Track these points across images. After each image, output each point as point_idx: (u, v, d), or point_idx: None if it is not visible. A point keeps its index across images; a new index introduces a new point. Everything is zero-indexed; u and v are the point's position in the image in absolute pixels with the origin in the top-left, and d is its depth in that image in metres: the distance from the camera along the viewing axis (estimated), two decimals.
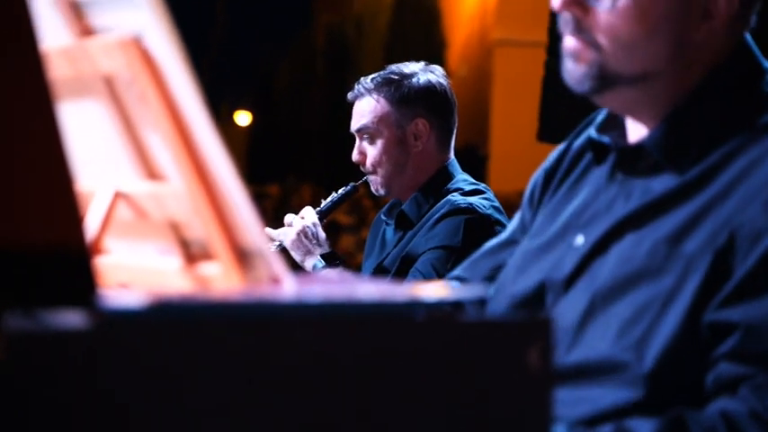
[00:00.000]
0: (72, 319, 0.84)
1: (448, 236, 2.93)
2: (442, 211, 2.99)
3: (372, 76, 3.13)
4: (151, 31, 1.09)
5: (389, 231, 3.20)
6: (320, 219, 3.12)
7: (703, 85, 1.50)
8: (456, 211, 2.97)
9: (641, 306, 1.40)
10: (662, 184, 1.48)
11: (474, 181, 3.16)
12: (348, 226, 11.68)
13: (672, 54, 1.48)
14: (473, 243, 2.91)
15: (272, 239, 3.08)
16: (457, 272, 1.83)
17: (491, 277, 1.72)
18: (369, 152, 3.12)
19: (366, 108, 3.11)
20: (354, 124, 3.14)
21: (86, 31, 1.18)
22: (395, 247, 3.10)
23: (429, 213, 3.04)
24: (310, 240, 3.03)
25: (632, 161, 1.53)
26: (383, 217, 3.27)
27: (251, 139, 31.60)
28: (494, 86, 19.41)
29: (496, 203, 3.06)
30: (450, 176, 3.12)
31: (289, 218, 3.10)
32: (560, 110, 5.92)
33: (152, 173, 1.22)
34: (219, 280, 1.15)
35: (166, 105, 1.10)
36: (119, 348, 0.84)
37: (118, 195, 1.24)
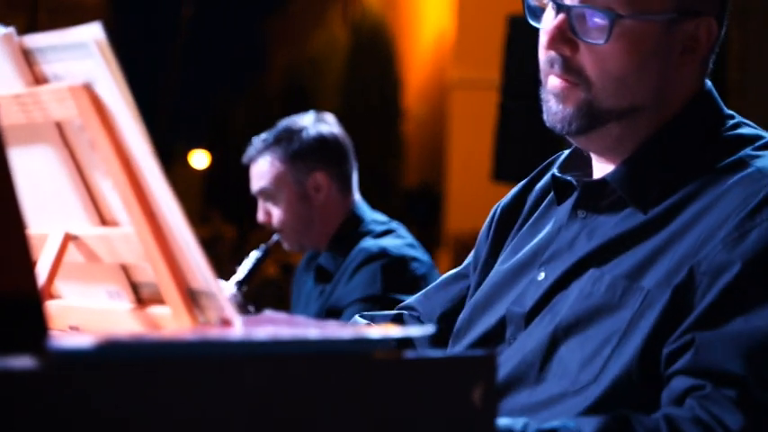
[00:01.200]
0: (22, 360, 0.85)
1: (367, 286, 2.95)
2: (357, 260, 3.00)
3: (263, 136, 3.14)
4: (102, 79, 1.11)
5: (309, 285, 3.21)
6: (240, 287, 3.09)
7: (668, 127, 1.55)
8: (369, 258, 2.99)
9: (602, 340, 1.44)
10: (624, 222, 1.52)
11: (384, 219, 3.18)
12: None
13: (657, 87, 1.53)
14: (393, 286, 2.93)
15: None
16: (410, 301, 1.85)
17: (445, 311, 1.75)
18: (273, 212, 3.13)
19: (262, 170, 3.12)
20: (254, 187, 3.15)
21: (38, 79, 1.20)
22: (317, 300, 3.11)
23: (345, 263, 3.05)
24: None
25: (595, 199, 1.57)
26: (303, 271, 3.29)
27: (207, 181, 31.49)
28: (450, 126, 19.51)
29: (409, 239, 3.08)
30: (359, 220, 3.14)
31: None
32: (514, 149, 5.98)
33: (103, 217, 1.23)
34: (170, 322, 1.17)
35: (117, 151, 1.12)
36: (68, 388, 0.85)
37: (69, 240, 1.26)
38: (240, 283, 3.10)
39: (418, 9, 22.74)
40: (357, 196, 3.19)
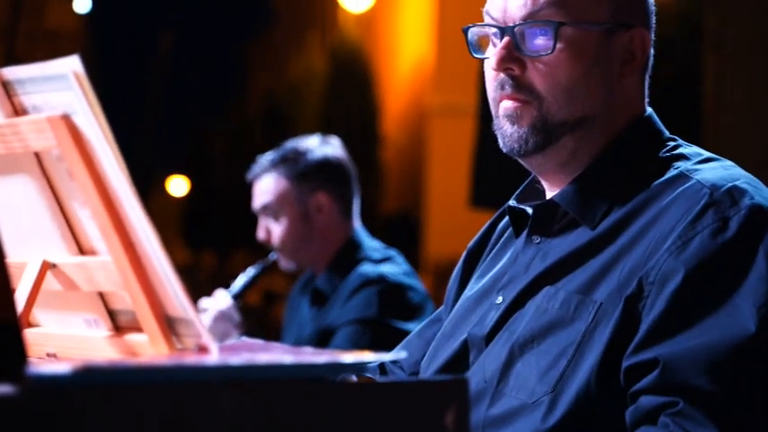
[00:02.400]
0: (0, 387, 0.87)
1: (362, 308, 2.97)
2: (355, 284, 3.03)
3: (269, 154, 3.19)
4: (80, 110, 1.13)
5: (305, 308, 3.23)
6: (237, 300, 3.11)
7: (612, 147, 1.61)
8: (367, 282, 3.01)
9: (557, 353, 1.48)
10: (576, 240, 1.57)
11: (383, 247, 3.21)
12: (284, 294, 11.66)
13: (604, 96, 1.60)
14: (389, 312, 2.96)
15: None
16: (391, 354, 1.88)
17: (422, 356, 1.78)
18: (274, 230, 3.16)
19: (266, 187, 3.16)
20: (256, 203, 3.18)
21: (17, 110, 1.22)
22: (312, 322, 3.13)
23: (342, 286, 3.07)
24: (226, 322, 3.05)
25: (548, 223, 1.62)
26: (298, 294, 3.31)
27: (186, 208, 31.44)
28: (429, 152, 19.57)
29: (406, 267, 3.11)
30: (357, 246, 3.17)
31: (204, 303, 3.11)
32: (492, 175, 6.02)
33: (81, 246, 1.25)
34: (147, 349, 1.18)
35: (94, 180, 1.14)
36: (47, 414, 0.87)
37: (47, 268, 1.27)
38: (236, 297, 3.13)
39: (397, 36, 22.85)
40: (357, 223, 3.22)
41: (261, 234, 3.19)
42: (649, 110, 1.66)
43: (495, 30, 1.61)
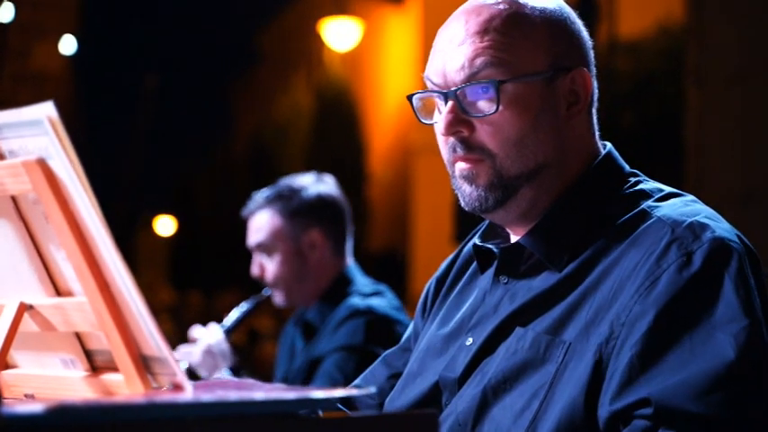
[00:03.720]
0: None
1: (350, 336, 3.01)
2: (343, 314, 3.07)
3: (264, 191, 3.23)
4: (55, 154, 1.16)
5: (298, 341, 3.26)
6: (228, 334, 3.15)
7: (574, 188, 1.64)
8: (356, 313, 3.06)
9: (530, 395, 1.49)
10: (543, 281, 1.59)
11: (373, 282, 3.26)
12: (269, 333, 11.64)
13: (555, 141, 1.62)
14: (375, 342, 3.00)
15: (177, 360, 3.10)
16: (357, 382, 1.90)
17: (389, 385, 1.79)
18: (267, 266, 3.20)
19: (260, 223, 3.20)
20: (251, 240, 3.22)
21: None
22: (302, 353, 3.16)
23: (330, 317, 3.11)
24: (215, 356, 3.07)
25: (515, 264, 1.64)
26: (291, 328, 3.34)
27: (173, 247, 31.36)
28: (415, 189, 19.61)
29: (395, 303, 3.16)
30: (349, 281, 3.22)
31: (196, 332, 3.13)
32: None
33: (58, 287, 1.27)
34: (123, 388, 1.20)
35: (70, 223, 1.16)
36: None
37: (24, 309, 1.29)
38: (228, 331, 3.16)
39: (382, 74, 22.95)
40: (350, 260, 3.26)
41: (255, 270, 3.22)
42: (609, 145, 1.69)
43: (438, 94, 1.63)
